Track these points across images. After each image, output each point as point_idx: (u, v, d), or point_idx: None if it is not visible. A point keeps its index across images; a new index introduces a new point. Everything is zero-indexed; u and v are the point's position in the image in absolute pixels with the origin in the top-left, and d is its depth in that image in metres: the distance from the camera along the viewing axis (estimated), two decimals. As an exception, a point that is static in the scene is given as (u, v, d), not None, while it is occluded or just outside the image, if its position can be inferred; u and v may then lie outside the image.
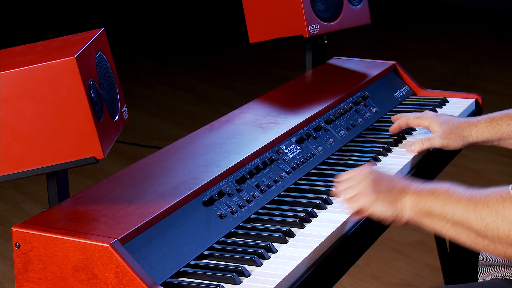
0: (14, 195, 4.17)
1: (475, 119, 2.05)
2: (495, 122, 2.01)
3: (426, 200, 1.55)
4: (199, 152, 1.87)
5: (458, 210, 1.49)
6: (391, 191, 1.60)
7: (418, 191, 1.58)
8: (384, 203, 1.59)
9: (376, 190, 1.61)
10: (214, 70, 6.57)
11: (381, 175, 1.65)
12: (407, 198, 1.58)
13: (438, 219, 1.53)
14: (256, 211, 1.75)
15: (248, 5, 2.55)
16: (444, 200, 1.52)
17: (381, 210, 1.60)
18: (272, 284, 1.45)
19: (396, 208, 1.58)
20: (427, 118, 2.08)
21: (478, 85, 5.85)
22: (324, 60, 2.66)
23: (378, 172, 1.66)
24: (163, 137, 4.90)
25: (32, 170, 1.56)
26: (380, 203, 1.59)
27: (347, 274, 1.65)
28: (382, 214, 1.60)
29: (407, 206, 1.58)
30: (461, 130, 2.02)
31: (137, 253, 1.45)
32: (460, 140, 2.02)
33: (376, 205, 1.60)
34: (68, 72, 1.51)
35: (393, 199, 1.59)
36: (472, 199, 1.49)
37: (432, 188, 1.57)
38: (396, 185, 1.61)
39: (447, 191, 1.54)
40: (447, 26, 8.04)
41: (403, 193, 1.59)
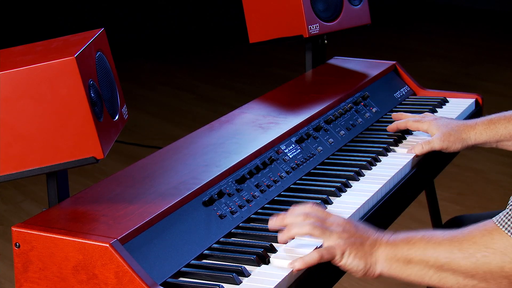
0: (14, 195, 4.17)
1: (473, 121, 2.04)
2: (493, 125, 2.01)
3: (402, 249, 1.49)
4: (199, 152, 1.87)
5: (442, 253, 1.44)
6: (362, 244, 1.52)
7: (391, 242, 1.51)
8: (356, 257, 1.52)
9: (349, 243, 1.52)
10: (214, 70, 6.57)
11: (354, 226, 1.56)
12: (380, 251, 1.51)
13: (420, 266, 1.47)
14: (256, 211, 1.75)
15: (248, 5, 2.55)
16: (423, 246, 1.47)
17: (352, 264, 1.52)
18: (272, 284, 1.45)
19: (368, 262, 1.52)
20: (426, 121, 2.08)
21: (478, 85, 5.86)
22: (324, 60, 2.66)
23: (350, 222, 1.57)
24: (163, 137, 4.90)
25: (32, 170, 1.56)
26: (352, 257, 1.52)
27: (347, 274, 1.64)
28: (353, 268, 1.53)
29: (381, 259, 1.51)
30: (460, 133, 2.02)
31: (137, 253, 1.45)
32: (459, 143, 2.02)
33: (348, 259, 1.52)
34: (68, 72, 1.51)
35: (365, 253, 1.52)
36: (455, 238, 1.44)
37: (405, 237, 1.51)
38: (368, 238, 1.54)
39: (423, 237, 1.49)
40: (447, 26, 8.04)
41: (375, 246, 1.52)
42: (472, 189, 4.10)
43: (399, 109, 2.41)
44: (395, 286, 3.18)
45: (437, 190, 2.67)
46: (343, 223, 1.56)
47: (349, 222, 1.57)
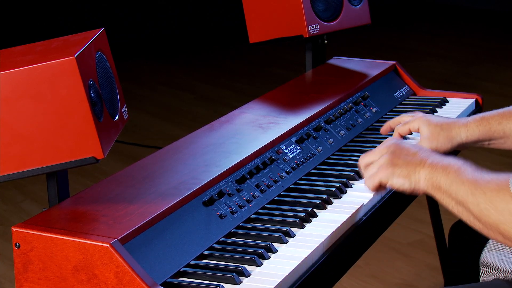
0: (14, 195, 4.17)
1: (465, 119, 2.00)
2: (486, 121, 1.96)
3: (438, 175, 1.60)
4: (199, 152, 1.87)
5: (461, 191, 1.54)
6: (408, 164, 1.65)
7: (433, 165, 1.62)
8: (401, 176, 1.65)
9: (394, 163, 1.67)
10: (214, 70, 6.58)
11: (401, 147, 1.70)
12: (422, 172, 1.62)
13: (446, 195, 1.58)
14: (256, 211, 1.75)
15: (248, 5, 2.54)
16: (452, 178, 1.57)
17: (399, 183, 1.65)
18: (272, 284, 1.45)
19: (412, 181, 1.64)
20: (415, 120, 2.02)
21: (478, 85, 5.86)
22: (324, 60, 2.66)
23: (398, 145, 1.71)
24: (163, 137, 4.90)
25: (32, 170, 1.56)
26: (397, 177, 1.65)
27: (347, 274, 1.65)
28: (400, 186, 1.65)
29: (422, 179, 1.62)
30: (450, 131, 1.97)
31: (137, 253, 1.45)
32: (449, 142, 1.97)
33: (394, 179, 1.66)
34: (68, 72, 1.51)
35: (409, 172, 1.64)
36: (474, 182, 1.53)
37: (445, 164, 1.61)
38: (414, 158, 1.66)
39: (458, 169, 1.58)
40: (447, 26, 8.04)
41: (419, 166, 1.63)
42: (472, 189, 4.09)
43: (399, 109, 2.41)
44: (395, 286, 3.18)
45: (437, 190, 2.66)
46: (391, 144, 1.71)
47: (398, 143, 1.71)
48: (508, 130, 1.94)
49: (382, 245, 3.44)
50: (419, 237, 3.54)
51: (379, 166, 1.70)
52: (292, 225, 1.68)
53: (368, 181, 1.72)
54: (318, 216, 1.73)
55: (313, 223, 1.70)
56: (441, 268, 2.69)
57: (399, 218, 2.12)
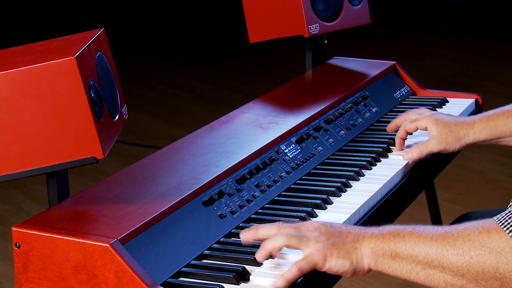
0: (14, 195, 4.17)
1: (471, 118, 2.01)
2: (492, 122, 1.97)
3: (389, 242, 1.42)
4: (199, 152, 1.87)
5: (433, 248, 1.38)
6: (344, 242, 1.45)
7: (377, 235, 1.44)
8: (339, 257, 1.44)
9: (329, 244, 1.44)
10: (214, 70, 6.58)
11: (330, 227, 1.49)
12: (365, 245, 1.44)
13: (407, 261, 1.41)
14: (256, 211, 1.75)
15: (248, 5, 2.55)
16: (413, 240, 1.40)
17: (338, 265, 1.44)
18: (272, 284, 1.45)
19: (354, 259, 1.44)
20: (423, 119, 2.01)
21: (478, 85, 5.86)
22: (324, 60, 2.66)
23: (325, 225, 1.49)
24: (163, 137, 4.90)
25: (32, 170, 1.56)
26: (335, 259, 1.44)
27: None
28: (340, 269, 1.44)
29: (367, 253, 1.44)
30: (458, 132, 1.98)
31: (137, 253, 1.45)
32: (457, 143, 1.98)
33: (332, 261, 1.44)
34: (68, 72, 1.51)
35: (348, 252, 1.44)
36: (448, 234, 1.38)
37: (393, 230, 1.44)
38: (349, 234, 1.46)
39: (413, 231, 1.42)
40: (447, 26, 8.04)
41: (359, 240, 1.45)
42: (472, 189, 4.10)
43: (399, 109, 2.41)
44: (395, 286, 3.18)
45: (437, 190, 2.67)
46: (318, 226, 1.48)
47: (325, 224, 1.49)
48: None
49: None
50: (419, 237, 3.53)
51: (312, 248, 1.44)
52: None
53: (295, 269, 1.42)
54: (318, 216, 1.73)
55: (313, 223, 1.70)
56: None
57: (399, 218, 2.12)
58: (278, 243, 1.46)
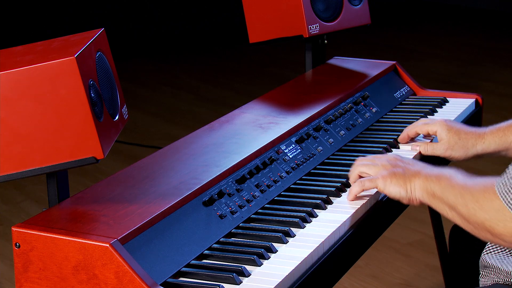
0: (14, 195, 4.17)
1: (481, 130, 2.02)
2: (502, 133, 1.98)
3: (431, 183, 1.67)
4: (199, 152, 1.87)
5: (451, 195, 1.61)
6: (404, 174, 1.73)
7: (427, 175, 1.69)
8: (397, 184, 1.72)
9: (391, 172, 1.74)
10: (214, 70, 6.58)
11: (398, 159, 1.79)
12: (417, 181, 1.70)
13: (439, 201, 1.65)
14: (256, 211, 1.75)
15: (248, 5, 2.54)
16: (444, 185, 1.64)
17: (395, 191, 1.72)
18: (272, 284, 1.45)
19: (408, 189, 1.71)
20: (436, 123, 2.05)
21: (478, 85, 5.85)
22: (324, 60, 2.66)
23: (395, 157, 1.80)
24: (163, 137, 4.90)
25: (32, 170, 1.56)
26: (393, 185, 1.72)
27: (347, 274, 1.65)
28: (396, 195, 1.73)
29: (417, 188, 1.70)
30: (467, 141, 2.01)
31: (137, 253, 1.45)
32: (464, 152, 2.01)
33: (390, 187, 1.73)
34: (68, 72, 1.51)
35: (405, 181, 1.71)
36: (463, 186, 1.60)
37: (438, 173, 1.68)
38: (410, 168, 1.74)
39: (449, 176, 1.65)
40: (447, 26, 8.04)
41: (414, 176, 1.71)
42: (472, 189, 4.09)
43: (399, 109, 2.41)
44: (395, 286, 3.18)
45: (437, 190, 2.66)
46: (390, 158, 1.79)
47: (395, 157, 1.80)
48: None
49: (382, 245, 3.44)
50: (419, 237, 3.54)
51: (378, 173, 1.76)
52: (292, 225, 1.68)
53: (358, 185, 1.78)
54: (318, 216, 1.73)
55: (313, 223, 1.70)
56: (441, 268, 2.69)
57: (399, 218, 2.12)
58: (354, 173, 1.83)
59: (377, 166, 1.79)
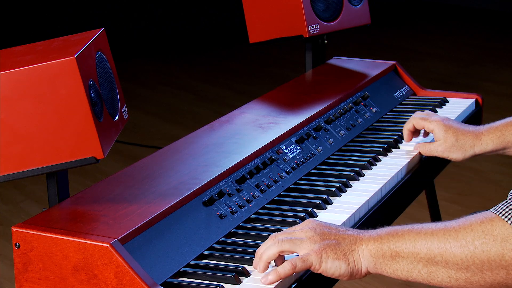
0: (14, 195, 4.17)
1: (479, 129, 1.99)
2: (499, 132, 1.96)
3: (389, 242, 1.41)
4: (199, 152, 1.87)
5: (434, 243, 1.37)
6: (339, 244, 1.43)
7: (375, 237, 1.43)
8: (336, 258, 1.42)
9: (324, 245, 1.43)
10: (214, 70, 6.57)
11: (319, 224, 1.48)
12: (363, 247, 1.43)
13: (408, 260, 1.39)
14: (256, 211, 1.75)
15: (248, 5, 2.55)
16: (413, 237, 1.39)
17: (334, 266, 1.42)
18: (272, 284, 1.45)
19: (351, 261, 1.43)
20: (433, 121, 2.00)
21: (478, 85, 5.86)
22: (324, 60, 2.66)
23: (313, 221, 1.49)
24: (163, 137, 4.90)
25: (32, 170, 1.56)
26: (331, 260, 1.42)
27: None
28: (336, 271, 1.43)
29: (365, 256, 1.43)
30: (464, 142, 1.97)
31: (137, 253, 1.45)
32: (462, 153, 1.98)
33: (328, 263, 1.42)
34: (68, 72, 1.51)
35: (344, 253, 1.42)
36: (449, 228, 1.37)
37: (391, 230, 1.42)
38: (345, 236, 1.45)
39: (411, 229, 1.41)
40: (447, 26, 8.04)
41: (356, 242, 1.44)
42: (472, 189, 4.10)
43: (399, 109, 2.41)
44: (396, 286, 3.18)
45: (437, 190, 2.67)
46: (313, 226, 1.46)
47: (320, 224, 1.47)
48: None
49: (382, 245, 3.43)
50: (419, 237, 3.53)
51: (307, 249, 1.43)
52: (292, 225, 1.67)
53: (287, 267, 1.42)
54: (318, 216, 1.73)
55: (313, 223, 1.70)
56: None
57: (399, 218, 2.12)
58: (272, 251, 1.44)
59: (302, 240, 1.44)
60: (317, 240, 1.44)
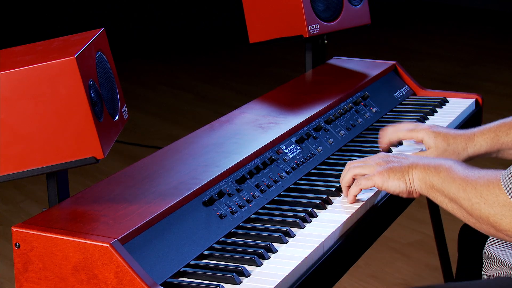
0: (14, 195, 4.17)
1: (471, 132, 1.95)
2: (493, 133, 1.92)
3: (430, 175, 1.65)
4: (199, 152, 1.87)
5: (452, 188, 1.59)
6: (401, 166, 1.69)
7: (425, 166, 1.66)
8: (395, 178, 1.69)
9: (387, 167, 1.70)
10: (214, 70, 6.58)
11: (391, 155, 1.76)
12: (415, 173, 1.67)
13: (439, 193, 1.63)
14: (256, 211, 1.75)
15: (248, 5, 2.55)
16: (444, 177, 1.62)
17: (394, 185, 1.69)
18: (272, 284, 1.45)
19: (407, 181, 1.68)
20: (421, 130, 1.97)
21: (478, 85, 5.85)
22: (324, 60, 2.66)
23: (388, 155, 1.77)
24: (163, 137, 4.90)
25: (32, 170, 1.56)
26: (391, 179, 1.69)
27: (347, 274, 1.65)
28: (396, 189, 1.69)
29: (415, 179, 1.67)
30: (456, 146, 1.94)
31: (137, 253, 1.45)
32: (455, 157, 1.93)
33: (389, 182, 1.69)
34: (68, 72, 1.51)
35: (403, 174, 1.68)
36: (465, 179, 1.58)
37: (437, 164, 1.66)
38: (406, 161, 1.71)
39: (448, 168, 1.62)
40: (447, 26, 8.04)
41: (412, 167, 1.68)
42: (472, 189, 4.09)
43: (399, 109, 2.41)
44: (395, 286, 3.18)
45: (437, 190, 2.66)
46: (381, 155, 1.77)
47: (386, 154, 1.77)
48: None
49: (382, 245, 3.44)
50: (419, 237, 3.54)
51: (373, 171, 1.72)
52: (292, 225, 1.68)
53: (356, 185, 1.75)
54: (318, 216, 1.73)
55: (313, 223, 1.70)
56: (441, 268, 2.69)
57: (399, 218, 2.12)
58: (347, 177, 1.77)
59: (370, 165, 1.75)
60: (381, 164, 1.73)
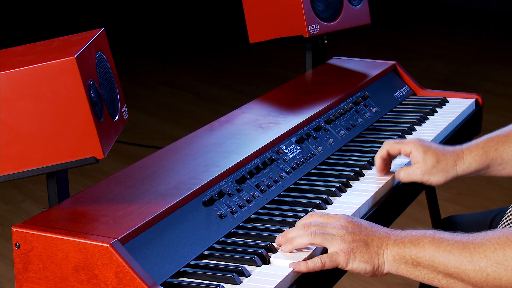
0: (14, 195, 4.17)
1: (458, 149, 1.87)
2: (481, 149, 1.85)
3: (410, 251, 1.48)
4: (199, 152, 1.87)
5: (451, 262, 1.43)
6: (368, 246, 1.51)
7: (399, 242, 1.50)
8: (362, 261, 1.50)
9: (353, 247, 1.50)
10: (214, 70, 6.58)
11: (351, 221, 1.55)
12: (388, 252, 1.50)
13: (428, 270, 1.47)
14: (256, 211, 1.75)
15: (248, 5, 2.55)
16: (432, 251, 1.45)
17: (360, 267, 1.51)
18: (272, 284, 1.45)
19: (375, 264, 1.51)
20: (409, 143, 1.86)
21: (478, 85, 5.86)
22: (324, 60, 2.66)
23: (346, 218, 1.56)
24: (163, 137, 4.90)
25: (32, 170, 1.56)
26: (357, 262, 1.50)
27: (347, 274, 1.65)
28: (361, 271, 1.51)
29: (388, 260, 1.50)
30: (446, 163, 1.84)
31: (137, 253, 1.45)
32: (443, 176, 1.85)
33: (354, 263, 1.50)
34: (68, 72, 1.51)
35: (371, 256, 1.50)
36: (466, 248, 1.42)
37: (414, 237, 1.49)
38: (374, 238, 1.52)
39: (433, 239, 1.46)
40: (447, 26, 8.04)
41: (382, 246, 1.51)
42: (472, 189, 4.10)
43: (399, 109, 2.41)
44: (395, 286, 3.18)
45: (437, 190, 2.66)
46: (346, 224, 1.54)
47: (352, 221, 1.54)
48: (506, 156, 1.85)
49: (382, 245, 3.43)
50: (419, 237, 3.53)
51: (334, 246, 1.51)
52: (292, 225, 1.68)
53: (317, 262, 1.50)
54: (318, 216, 1.73)
55: (313, 223, 1.70)
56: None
57: (399, 218, 2.12)
58: (304, 241, 1.53)
59: (333, 237, 1.52)
60: (347, 239, 1.51)
